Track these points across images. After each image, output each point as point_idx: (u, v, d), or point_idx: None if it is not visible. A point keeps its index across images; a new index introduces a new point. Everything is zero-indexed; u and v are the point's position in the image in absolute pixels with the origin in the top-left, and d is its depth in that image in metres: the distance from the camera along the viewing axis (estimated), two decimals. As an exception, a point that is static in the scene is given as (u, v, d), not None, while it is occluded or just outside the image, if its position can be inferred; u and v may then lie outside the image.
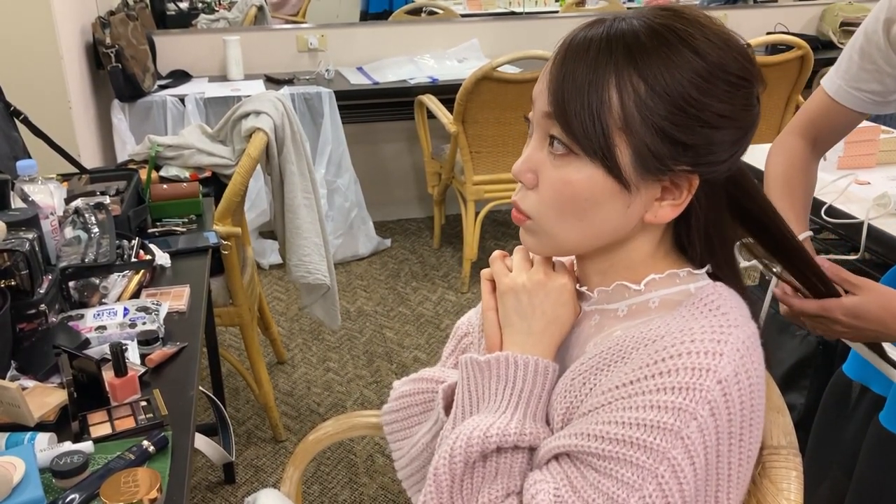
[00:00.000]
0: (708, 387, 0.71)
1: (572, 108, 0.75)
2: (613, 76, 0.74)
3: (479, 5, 4.57)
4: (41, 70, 2.67)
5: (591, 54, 0.75)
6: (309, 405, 2.62)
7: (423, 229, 4.05)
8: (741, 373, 0.73)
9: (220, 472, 2.27)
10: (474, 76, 3.05)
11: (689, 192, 0.78)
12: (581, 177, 0.76)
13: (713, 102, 0.75)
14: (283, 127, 2.26)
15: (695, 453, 0.71)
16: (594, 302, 0.86)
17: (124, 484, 0.99)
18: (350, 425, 1.28)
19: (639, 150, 0.75)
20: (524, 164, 0.81)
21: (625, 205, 0.77)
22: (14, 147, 1.93)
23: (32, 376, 1.24)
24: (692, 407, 0.71)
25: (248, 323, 2.32)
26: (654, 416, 0.72)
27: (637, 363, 0.75)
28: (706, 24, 0.77)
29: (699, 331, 0.75)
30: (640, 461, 0.72)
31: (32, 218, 1.41)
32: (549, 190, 0.79)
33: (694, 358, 0.73)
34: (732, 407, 0.73)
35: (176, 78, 3.60)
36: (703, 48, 0.75)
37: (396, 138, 4.07)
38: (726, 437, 0.73)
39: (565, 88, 0.75)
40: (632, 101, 0.74)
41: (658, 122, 0.74)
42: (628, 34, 0.75)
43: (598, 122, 0.74)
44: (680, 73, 0.74)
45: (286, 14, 4.48)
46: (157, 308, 1.45)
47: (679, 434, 0.71)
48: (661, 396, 0.72)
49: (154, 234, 1.85)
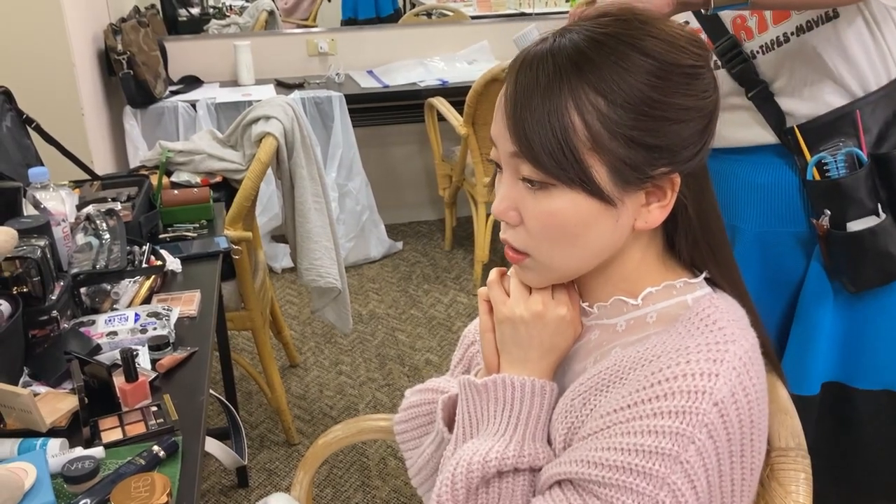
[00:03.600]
0: (704, 410, 0.71)
1: (537, 142, 0.73)
2: (570, 99, 0.72)
3: (489, 7, 4.57)
4: (53, 77, 2.69)
5: (542, 82, 0.73)
6: (321, 408, 2.62)
7: (435, 232, 4.05)
8: (738, 392, 0.73)
9: (233, 475, 2.28)
10: (484, 78, 3.06)
11: (672, 191, 0.77)
12: (564, 205, 0.75)
13: (674, 99, 0.74)
14: (293, 131, 2.27)
15: (695, 476, 0.71)
16: (594, 317, 0.85)
17: (135, 489, 0.99)
18: (359, 429, 1.28)
19: (614, 164, 0.74)
20: (503, 204, 0.79)
21: (614, 220, 0.77)
22: (26, 154, 1.95)
23: (44, 382, 1.25)
24: (689, 431, 0.71)
25: (260, 327, 2.33)
26: (652, 442, 0.71)
27: (634, 385, 0.75)
28: (647, 21, 0.76)
29: (695, 349, 0.74)
30: (640, 488, 0.71)
31: (44, 225, 1.43)
32: (536, 223, 0.77)
33: (689, 381, 0.72)
34: (731, 427, 0.72)
35: (187, 84, 3.62)
36: (650, 48, 0.73)
37: (407, 141, 4.07)
38: (727, 457, 0.72)
39: (525, 125, 0.74)
40: (595, 118, 0.72)
41: (626, 132, 0.73)
42: (573, 52, 0.73)
43: (567, 149, 0.72)
44: (634, 78, 0.72)
45: (297, 19, 4.50)
46: (168, 313, 1.45)
47: (678, 459, 0.70)
48: (659, 421, 0.71)
49: (165, 239, 1.86)
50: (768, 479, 0.85)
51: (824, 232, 1.19)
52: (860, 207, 1.17)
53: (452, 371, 1.05)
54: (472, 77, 3.32)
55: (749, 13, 1.18)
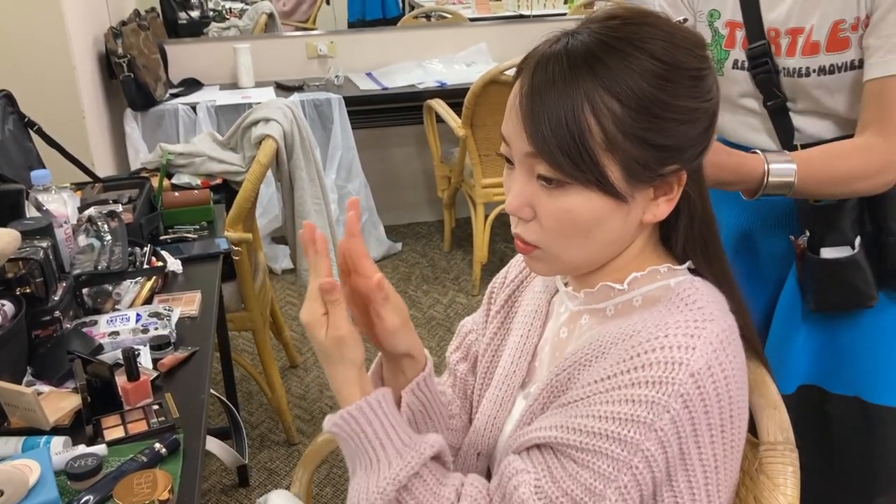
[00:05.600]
0: (681, 380, 0.73)
1: (555, 144, 0.75)
2: (586, 102, 0.75)
3: (487, 9, 4.59)
4: (55, 80, 2.71)
5: (559, 85, 0.75)
6: (322, 408, 2.64)
7: (434, 233, 4.06)
8: (714, 365, 0.75)
9: (233, 475, 2.30)
10: (482, 80, 3.07)
11: (679, 185, 0.81)
12: (579, 203, 0.78)
13: (682, 101, 0.77)
14: (293, 133, 2.29)
15: (668, 444, 0.73)
16: (581, 302, 0.88)
17: (137, 485, 1.01)
18: (358, 427, 1.29)
19: (627, 164, 0.76)
20: (518, 200, 0.81)
21: (624, 215, 0.80)
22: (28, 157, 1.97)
23: (47, 381, 1.27)
24: (664, 400, 0.73)
25: (261, 327, 2.34)
26: (629, 410, 0.74)
27: (614, 358, 0.78)
28: (654, 23, 0.78)
29: (673, 325, 0.76)
30: (615, 453, 0.74)
31: (47, 227, 1.44)
32: (551, 219, 0.80)
33: (667, 352, 0.74)
34: (708, 400, 0.74)
35: (187, 86, 3.64)
36: (659, 52, 0.76)
37: (406, 143, 4.09)
38: (706, 430, 0.75)
39: (543, 127, 0.76)
40: (609, 121, 0.75)
41: (638, 133, 0.76)
42: (587, 55, 0.76)
43: (584, 150, 0.75)
44: (645, 81, 0.75)
45: (296, 21, 4.51)
46: (169, 314, 1.47)
47: (652, 426, 0.73)
48: (635, 391, 0.74)
49: (166, 240, 1.88)
50: (757, 472, 0.86)
51: (800, 251, 1.22)
52: (839, 236, 1.19)
53: (448, 358, 1.07)
54: (470, 79, 3.33)
55: (784, 31, 1.17)
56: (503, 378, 0.96)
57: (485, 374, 1.01)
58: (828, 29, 1.13)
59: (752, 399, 0.88)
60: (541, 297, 0.96)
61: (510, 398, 0.94)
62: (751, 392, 0.85)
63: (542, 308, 0.95)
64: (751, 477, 0.87)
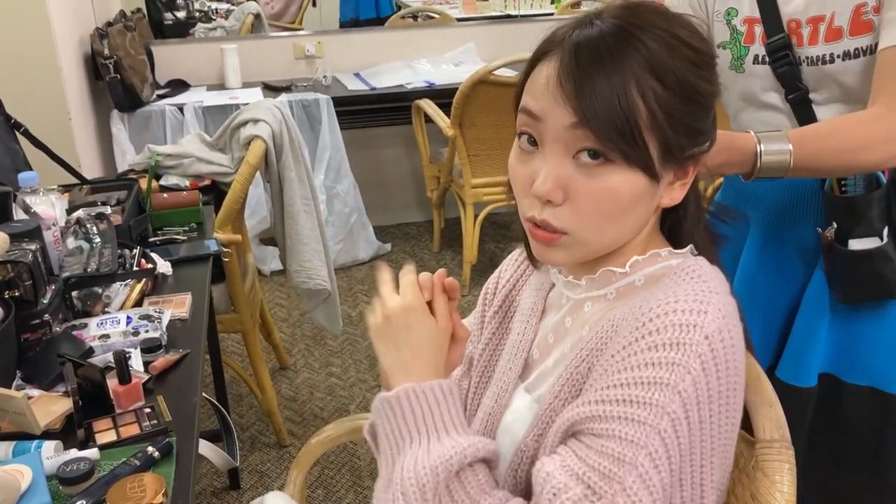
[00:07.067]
0: (697, 341, 0.73)
1: (607, 118, 0.75)
2: (633, 80, 0.76)
3: (474, 9, 4.59)
4: (40, 82, 2.69)
5: (607, 61, 0.76)
6: (312, 410, 2.63)
7: (423, 233, 4.06)
8: (724, 331, 0.75)
9: (224, 477, 2.29)
10: (471, 80, 3.07)
11: (694, 170, 0.83)
12: (621, 181, 0.78)
13: (707, 86, 0.81)
14: (281, 134, 2.28)
15: (689, 409, 0.72)
16: (583, 290, 0.88)
17: (130, 489, 1.00)
18: (352, 427, 1.30)
19: (665, 144, 0.78)
20: (553, 183, 0.78)
21: (653, 196, 0.81)
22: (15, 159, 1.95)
23: (38, 385, 1.26)
24: (685, 361, 0.72)
25: (250, 329, 2.33)
26: (650, 374, 0.73)
27: (627, 330, 0.77)
28: (667, 14, 0.81)
29: (682, 294, 0.76)
30: (642, 417, 0.71)
31: (35, 229, 1.43)
32: (589, 199, 0.78)
33: (680, 315, 0.74)
34: (720, 364, 0.74)
35: (174, 87, 3.62)
36: (687, 39, 0.79)
37: (395, 143, 4.08)
38: (716, 397, 0.74)
39: (593, 99, 0.76)
40: (653, 100, 0.77)
41: (676, 115, 0.78)
42: (628, 36, 0.77)
43: (635, 126, 0.76)
44: (682, 64, 0.78)
45: (284, 22, 4.50)
46: (160, 316, 1.46)
47: (676, 388, 0.72)
48: (654, 354, 0.73)
49: (155, 242, 1.87)
50: (753, 469, 0.86)
51: (828, 243, 1.22)
52: (867, 227, 1.19)
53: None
54: (458, 79, 3.33)
55: (805, 21, 1.18)
56: (501, 375, 0.96)
57: (482, 375, 1.00)
58: (850, 13, 1.14)
59: (747, 397, 0.88)
60: (537, 294, 0.96)
61: (507, 392, 0.94)
62: (746, 390, 0.85)
63: (539, 305, 0.95)
64: (747, 474, 0.87)
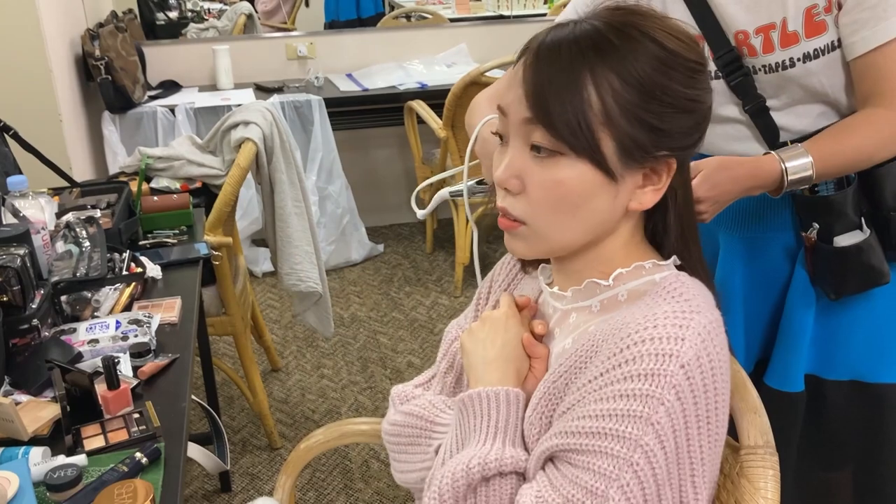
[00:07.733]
0: (672, 371, 0.73)
1: (555, 110, 0.77)
2: (589, 74, 0.77)
3: (467, 10, 4.59)
4: (31, 84, 2.67)
5: (564, 56, 0.78)
6: (304, 412, 2.63)
7: (416, 234, 4.06)
8: (703, 356, 0.75)
9: (216, 480, 2.28)
10: (463, 81, 3.07)
11: (668, 175, 0.82)
12: (571, 174, 0.79)
13: (678, 88, 0.79)
14: (272, 136, 2.28)
15: (665, 438, 0.73)
16: (569, 301, 0.88)
17: (118, 496, 1.00)
18: (341, 433, 1.30)
19: (622, 140, 0.78)
20: (507, 171, 0.82)
21: (612, 195, 0.81)
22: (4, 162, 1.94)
23: (26, 391, 1.25)
24: (659, 392, 0.73)
25: (241, 332, 2.33)
26: (624, 406, 0.74)
27: (605, 354, 0.78)
28: (658, 17, 0.82)
29: (662, 316, 0.77)
30: (615, 451, 0.73)
31: (24, 233, 1.43)
32: (540, 191, 0.81)
33: (657, 344, 0.75)
34: (697, 390, 0.74)
35: (166, 88, 3.61)
36: (660, 38, 0.80)
37: (387, 144, 4.08)
38: (694, 421, 0.75)
39: (545, 93, 0.78)
40: (609, 95, 0.77)
41: (635, 112, 0.78)
42: (594, 34, 0.79)
43: (583, 119, 0.77)
44: (646, 61, 0.78)
45: (276, 22, 4.49)
46: (149, 320, 1.46)
47: (649, 420, 0.73)
48: (629, 385, 0.74)
49: (145, 246, 1.86)
50: (738, 476, 0.87)
51: (812, 244, 1.23)
52: (846, 222, 1.21)
53: (438, 364, 1.07)
54: (451, 80, 3.33)
55: (753, 32, 1.19)
56: None
57: None
58: (802, 16, 1.15)
59: (732, 403, 0.88)
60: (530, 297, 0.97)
61: None
62: (731, 396, 0.85)
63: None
64: (732, 481, 0.88)
